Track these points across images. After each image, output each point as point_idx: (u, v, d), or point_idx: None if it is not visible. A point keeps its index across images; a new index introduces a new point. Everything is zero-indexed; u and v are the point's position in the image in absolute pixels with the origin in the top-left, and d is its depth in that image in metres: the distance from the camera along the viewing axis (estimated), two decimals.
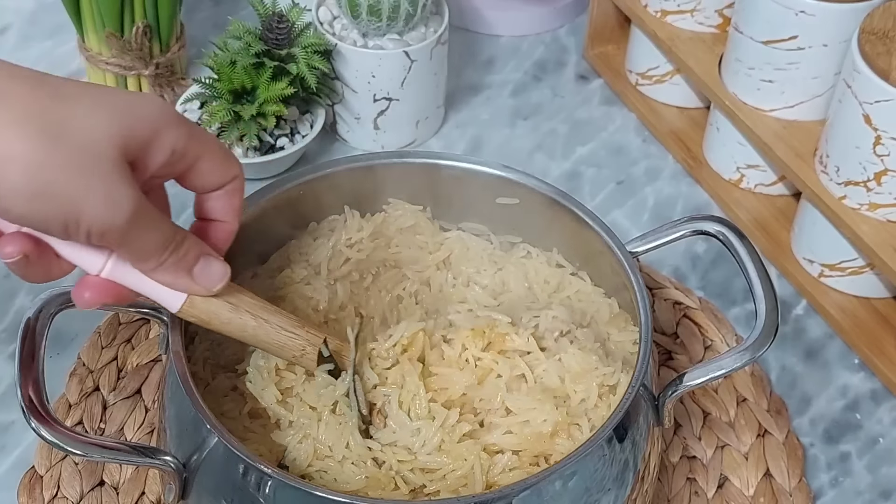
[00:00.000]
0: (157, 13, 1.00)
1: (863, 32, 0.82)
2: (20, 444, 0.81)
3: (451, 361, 0.71)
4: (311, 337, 0.68)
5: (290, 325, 0.68)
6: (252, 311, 0.66)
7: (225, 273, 0.64)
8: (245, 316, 0.66)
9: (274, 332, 0.67)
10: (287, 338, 0.67)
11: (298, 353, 0.68)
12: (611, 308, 0.76)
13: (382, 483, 0.66)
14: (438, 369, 0.71)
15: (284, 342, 0.67)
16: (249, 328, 0.66)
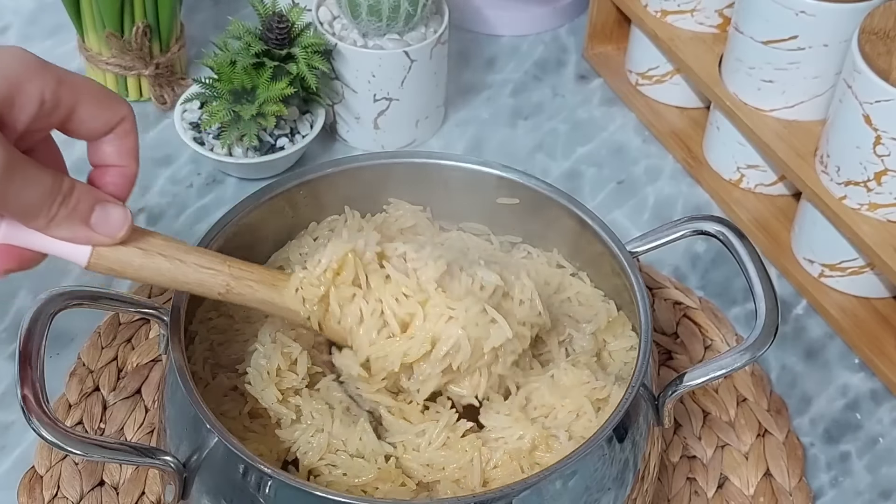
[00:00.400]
0: (157, 13, 1.00)
1: (863, 32, 0.82)
2: (20, 444, 0.81)
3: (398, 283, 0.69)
4: (235, 271, 0.67)
5: (210, 262, 0.66)
6: (165, 253, 0.64)
7: (125, 218, 0.61)
8: (157, 259, 0.63)
9: (192, 271, 0.65)
10: (208, 275, 0.65)
11: (223, 290, 0.66)
12: (609, 313, 0.76)
13: (392, 476, 0.67)
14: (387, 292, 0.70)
15: (205, 280, 0.65)
16: (165, 270, 0.64)
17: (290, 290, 0.68)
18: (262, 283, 0.67)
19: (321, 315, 0.69)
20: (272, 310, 0.69)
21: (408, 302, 0.68)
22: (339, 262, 0.68)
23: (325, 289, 0.68)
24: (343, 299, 0.68)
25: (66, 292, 0.65)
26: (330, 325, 0.69)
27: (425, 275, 0.68)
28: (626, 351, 0.75)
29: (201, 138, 0.98)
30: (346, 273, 0.68)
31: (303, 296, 0.68)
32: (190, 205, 0.98)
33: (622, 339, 0.75)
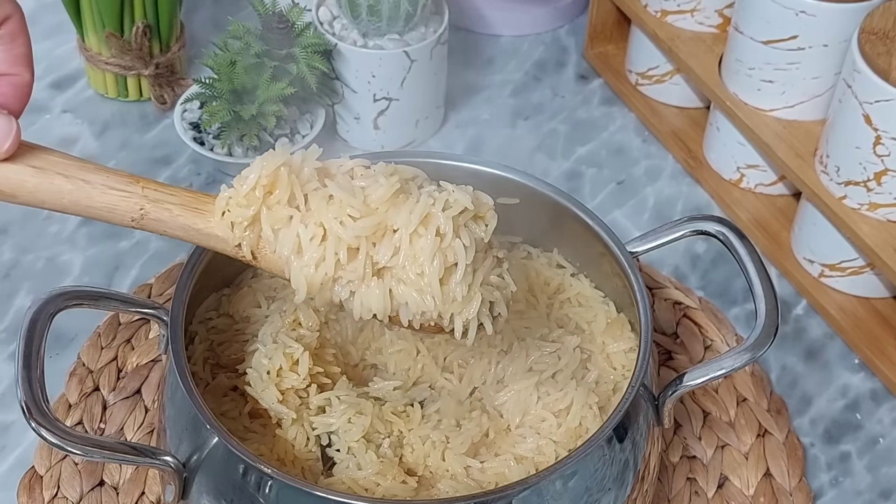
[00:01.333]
0: (157, 13, 1.00)
1: (863, 32, 0.82)
2: (20, 444, 0.81)
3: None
4: (151, 193, 0.59)
5: (120, 182, 0.58)
6: (65, 172, 0.57)
7: (9, 129, 0.55)
8: (56, 179, 0.56)
9: (98, 194, 0.58)
10: (118, 197, 0.58)
11: (137, 215, 0.59)
12: (608, 315, 0.76)
13: (393, 474, 0.67)
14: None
15: (115, 203, 0.58)
16: (66, 193, 0.57)
17: (216, 213, 0.61)
18: (184, 206, 0.60)
19: (254, 242, 0.62)
20: (197, 238, 0.62)
21: (355, 225, 0.60)
22: (271, 179, 0.61)
23: (256, 210, 0.61)
24: (277, 222, 0.61)
25: (66, 292, 0.65)
26: (264, 254, 0.62)
27: (376, 193, 0.61)
28: (626, 353, 0.75)
29: (201, 138, 0.98)
30: (280, 191, 0.61)
31: (231, 220, 0.61)
32: None
33: (621, 341, 0.75)
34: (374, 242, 0.61)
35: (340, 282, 0.61)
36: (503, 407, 0.72)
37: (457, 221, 0.61)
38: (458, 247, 0.61)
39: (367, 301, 0.61)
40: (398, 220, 0.60)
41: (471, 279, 0.62)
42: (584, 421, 0.70)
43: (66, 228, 0.95)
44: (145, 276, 0.92)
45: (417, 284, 0.61)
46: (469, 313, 0.62)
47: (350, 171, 0.63)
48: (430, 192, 0.62)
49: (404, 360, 0.76)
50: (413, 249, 0.61)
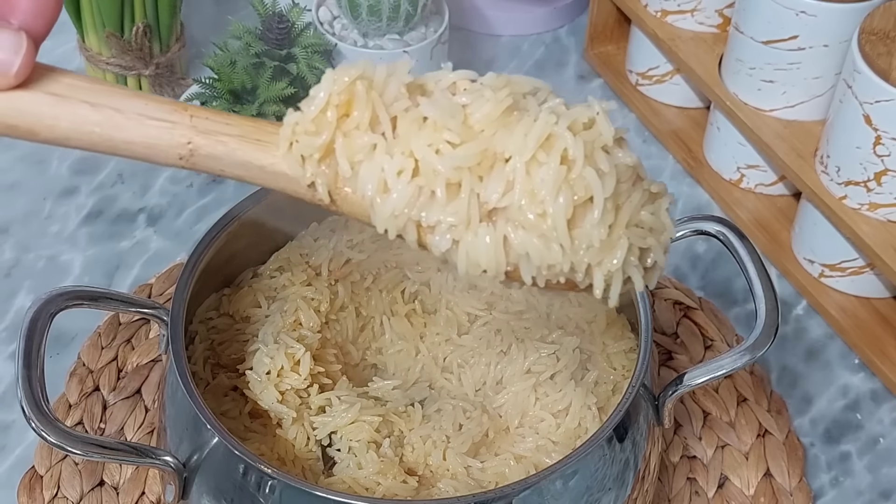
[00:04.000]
0: (157, 13, 1.00)
1: (863, 32, 0.82)
2: (20, 444, 0.81)
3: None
4: (201, 123, 0.49)
5: (162, 110, 0.48)
6: (92, 100, 0.47)
7: (19, 44, 0.45)
8: (81, 109, 0.47)
9: (135, 126, 0.48)
10: (160, 129, 0.48)
11: (186, 152, 0.49)
12: (608, 315, 0.76)
13: (393, 473, 0.67)
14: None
15: (156, 137, 0.48)
16: (94, 125, 0.47)
17: (281, 144, 0.50)
18: (243, 138, 0.50)
19: (331, 180, 0.50)
20: (261, 178, 0.51)
21: (454, 153, 0.48)
22: (345, 97, 0.49)
23: (329, 137, 0.49)
24: (356, 153, 0.49)
25: (67, 292, 0.65)
26: (344, 195, 0.50)
27: (480, 112, 0.49)
28: (626, 353, 0.74)
29: None
30: (359, 113, 0.49)
31: (300, 152, 0.50)
32: (190, 204, 0.98)
33: (621, 342, 0.75)
34: (480, 176, 0.48)
35: (440, 228, 0.49)
36: (502, 408, 0.72)
37: (590, 144, 0.49)
38: (591, 176, 0.48)
39: (474, 253, 0.49)
40: (510, 145, 0.48)
41: (612, 219, 0.49)
42: (583, 421, 0.70)
43: (67, 228, 0.95)
44: (145, 275, 0.92)
45: (539, 228, 0.48)
46: (611, 264, 0.49)
47: (452, 86, 0.50)
48: (552, 107, 0.49)
49: (404, 360, 0.77)
50: (531, 182, 0.48)
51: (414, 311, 0.78)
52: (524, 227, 0.48)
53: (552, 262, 0.48)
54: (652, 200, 0.50)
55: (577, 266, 0.49)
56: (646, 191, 0.50)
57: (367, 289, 0.78)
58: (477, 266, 0.49)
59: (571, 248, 0.48)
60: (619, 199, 0.49)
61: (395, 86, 0.49)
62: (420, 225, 0.49)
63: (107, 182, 0.99)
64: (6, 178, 0.99)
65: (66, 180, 0.99)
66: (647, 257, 0.50)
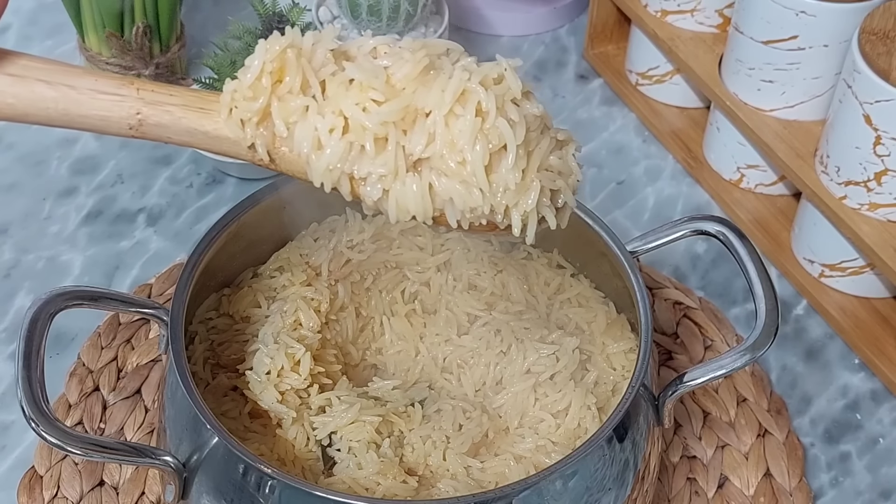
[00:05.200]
0: (157, 13, 1.00)
1: (863, 32, 0.82)
2: (20, 444, 0.81)
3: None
4: (148, 95, 0.53)
5: (110, 85, 0.52)
6: (46, 78, 0.51)
7: None
8: (37, 87, 0.50)
9: (87, 100, 0.51)
10: (110, 102, 0.52)
11: (134, 122, 0.52)
12: (608, 315, 0.76)
13: (393, 473, 0.67)
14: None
15: (107, 110, 0.52)
16: (51, 102, 0.51)
17: (222, 111, 0.54)
18: (187, 106, 0.54)
19: (269, 141, 0.55)
20: (205, 142, 0.55)
21: (380, 110, 0.53)
22: (277, 64, 0.53)
23: (265, 102, 0.53)
24: (291, 115, 0.54)
25: (66, 292, 0.65)
26: (282, 154, 0.55)
27: (401, 72, 0.53)
28: (626, 353, 0.74)
29: None
30: (290, 78, 0.53)
31: (240, 116, 0.54)
32: (190, 205, 0.98)
33: (621, 342, 0.75)
34: (404, 130, 0.53)
35: (370, 179, 0.54)
36: (502, 409, 0.72)
37: (501, 97, 0.53)
38: (503, 126, 0.53)
39: (403, 200, 0.54)
40: (429, 100, 0.53)
41: (524, 164, 0.54)
42: (582, 422, 0.70)
43: (67, 228, 0.95)
44: (145, 275, 0.92)
45: (460, 175, 0.53)
46: (527, 204, 0.54)
47: (373, 50, 0.54)
48: (465, 65, 0.54)
49: (404, 360, 0.77)
50: (450, 133, 0.53)
51: (414, 311, 0.78)
52: (447, 175, 0.53)
53: (474, 205, 0.53)
54: (559, 147, 0.56)
55: (496, 208, 0.54)
56: (553, 138, 0.55)
57: (367, 289, 0.78)
58: (406, 212, 0.54)
59: (490, 192, 0.53)
60: (529, 146, 0.54)
61: (321, 52, 0.54)
62: (353, 177, 0.54)
63: (106, 182, 0.99)
64: (5, 179, 0.99)
65: (66, 180, 0.99)
66: (557, 198, 0.56)
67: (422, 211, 0.54)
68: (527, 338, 0.74)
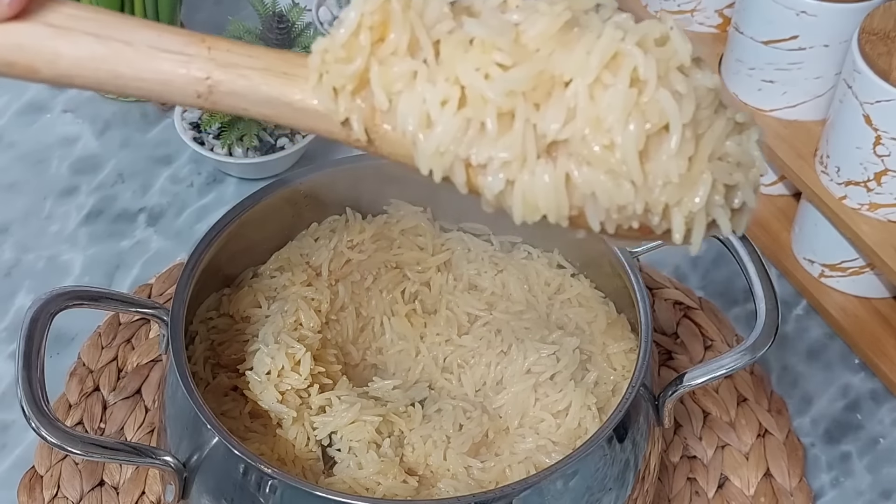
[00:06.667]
0: (158, 13, 1.00)
1: (863, 32, 0.82)
2: (20, 444, 0.81)
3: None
4: (221, 55, 0.43)
5: (176, 42, 0.43)
6: (97, 32, 0.42)
7: None
8: (84, 41, 0.42)
9: (145, 60, 0.42)
10: (174, 63, 0.43)
11: (203, 89, 0.43)
12: (608, 315, 0.76)
13: (394, 473, 0.67)
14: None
15: (170, 72, 0.43)
16: (100, 61, 0.42)
17: (311, 76, 0.44)
18: (268, 71, 0.44)
19: (368, 115, 0.44)
20: (289, 116, 0.45)
21: (506, 76, 0.41)
22: (379, 17, 0.42)
23: (363, 63, 0.42)
24: (394, 81, 0.43)
25: (67, 292, 0.65)
26: (383, 132, 0.44)
27: (534, 29, 0.42)
28: (626, 353, 0.74)
29: (201, 138, 0.98)
30: (396, 35, 0.42)
31: (332, 83, 0.43)
32: (190, 205, 0.98)
33: (622, 342, 0.75)
34: (536, 104, 0.42)
35: (492, 166, 0.42)
36: (502, 409, 0.72)
37: (664, 63, 0.41)
38: (666, 99, 0.41)
39: (532, 194, 0.42)
40: (570, 65, 0.41)
41: (692, 150, 0.42)
42: (582, 422, 0.70)
43: (67, 228, 0.95)
44: (146, 275, 0.92)
45: (607, 163, 0.41)
46: (693, 203, 0.42)
47: (502, 4, 0.43)
48: (619, 22, 0.42)
49: (404, 360, 0.77)
50: (596, 109, 0.41)
51: (414, 311, 0.78)
52: (589, 163, 0.41)
53: (623, 203, 0.42)
54: (738, 131, 0.44)
55: (652, 206, 0.42)
56: (730, 119, 0.43)
57: (367, 289, 0.78)
58: (535, 209, 0.42)
59: (645, 185, 0.41)
60: (699, 128, 0.42)
61: (437, 4, 0.43)
62: (469, 164, 0.43)
63: (107, 182, 0.99)
64: (6, 178, 0.99)
65: (66, 180, 0.99)
66: (733, 196, 0.44)
67: (555, 208, 0.42)
68: (527, 338, 0.74)
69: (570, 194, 0.42)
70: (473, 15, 0.43)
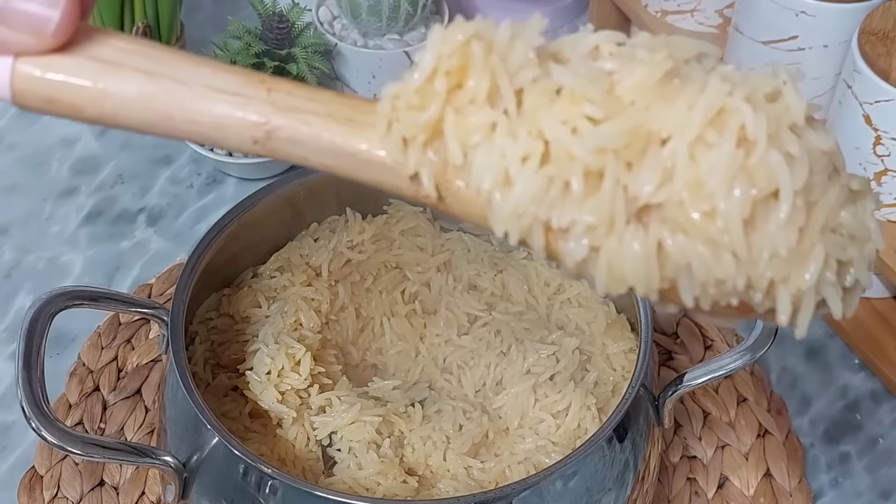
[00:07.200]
0: (158, 13, 1.00)
1: (863, 33, 0.82)
2: (21, 444, 0.81)
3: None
4: (281, 98, 0.40)
5: (233, 82, 0.40)
6: (148, 69, 0.39)
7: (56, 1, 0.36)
8: (133, 78, 0.38)
9: (198, 101, 0.39)
10: (230, 105, 0.40)
11: (261, 135, 0.40)
12: (608, 315, 0.76)
13: (394, 473, 0.67)
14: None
15: (226, 116, 0.39)
16: (150, 100, 0.39)
17: (379, 124, 0.40)
18: (332, 117, 0.40)
19: (439, 170, 0.40)
20: (353, 168, 0.42)
21: (596, 132, 0.38)
22: (458, 61, 0.39)
23: (437, 111, 0.39)
24: (470, 133, 0.39)
25: (67, 292, 0.65)
26: (455, 189, 0.40)
27: (630, 79, 0.38)
28: (626, 353, 0.74)
29: None
30: (475, 82, 0.38)
31: (401, 133, 0.40)
32: (190, 205, 0.98)
33: (621, 342, 0.75)
34: (628, 162, 0.38)
35: (575, 231, 0.38)
36: (502, 409, 0.72)
37: (775, 121, 0.37)
38: (776, 162, 0.37)
39: (618, 263, 0.38)
40: (669, 120, 0.37)
41: (803, 221, 0.38)
42: (582, 422, 0.70)
43: (67, 229, 0.95)
44: (146, 276, 0.92)
45: (706, 232, 0.37)
46: (802, 280, 0.39)
47: (594, 50, 0.39)
48: (725, 74, 0.38)
49: (404, 360, 0.77)
50: (697, 170, 0.37)
51: (414, 311, 0.78)
52: (685, 231, 0.38)
53: (722, 277, 0.38)
54: (853, 200, 0.40)
55: (755, 282, 0.38)
56: (845, 186, 0.39)
57: (367, 289, 0.78)
58: (622, 281, 0.39)
59: (749, 258, 0.38)
60: (811, 195, 0.38)
61: (521, 50, 0.39)
62: (549, 227, 0.39)
63: (107, 182, 0.99)
64: (6, 180, 0.99)
65: (66, 181, 0.99)
66: (845, 273, 0.40)
67: (644, 280, 0.38)
68: (527, 338, 0.74)
69: (662, 265, 0.38)
70: (561, 62, 0.39)
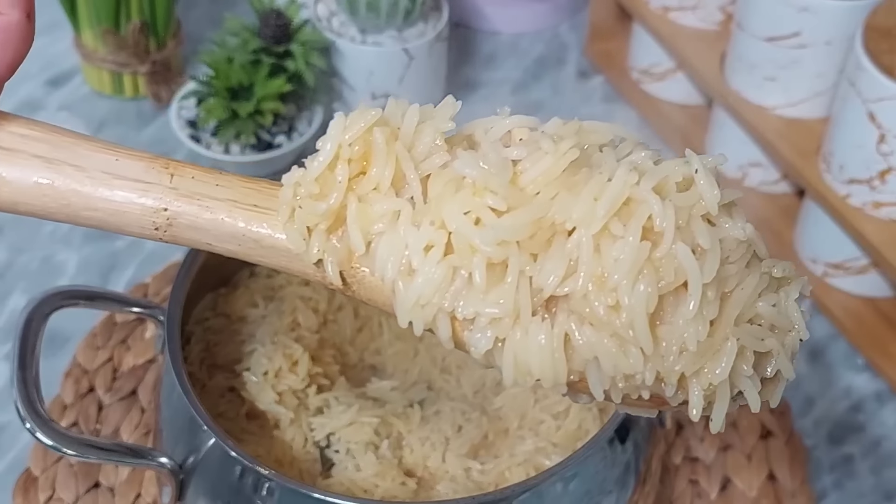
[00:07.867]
0: (154, 10, 1.00)
1: (867, 29, 0.82)
2: (15, 446, 0.81)
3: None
4: (185, 184, 0.39)
5: (132, 167, 0.39)
6: (46, 155, 0.38)
7: None
8: (32, 165, 0.38)
9: (98, 189, 0.39)
10: (127, 192, 0.39)
11: (162, 221, 0.39)
12: None
13: (392, 475, 0.67)
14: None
15: (123, 203, 0.39)
16: (47, 188, 0.38)
17: (282, 211, 0.40)
18: (236, 203, 0.40)
19: (344, 257, 0.40)
20: (256, 253, 0.41)
21: (498, 223, 0.37)
22: (361, 148, 0.39)
23: (338, 199, 0.39)
24: (373, 222, 0.39)
25: (62, 292, 0.65)
26: (361, 277, 0.40)
27: (536, 168, 0.38)
28: None
29: (198, 136, 0.97)
30: (377, 170, 0.38)
31: (304, 221, 0.39)
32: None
33: None
34: (533, 254, 0.38)
35: (479, 322, 0.38)
36: (501, 410, 0.72)
37: (686, 211, 0.37)
38: (684, 255, 0.37)
39: (524, 356, 0.38)
40: (574, 212, 0.37)
41: (715, 312, 0.37)
42: (583, 423, 0.70)
43: (61, 228, 0.94)
44: (141, 275, 0.92)
45: (611, 325, 0.37)
46: (714, 374, 0.38)
47: (506, 136, 0.40)
48: (634, 162, 0.38)
49: (403, 360, 0.76)
50: (601, 263, 0.37)
51: None
52: (591, 323, 0.37)
53: (629, 371, 0.37)
54: (775, 288, 0.39)
55: (665, 377, 0.38)
56: (765, 274, 0.39)
57: None
58: (528, 373, 0.38)
59: (657, 353, 0.37)
60: (725, 286, 0.38)
61: (429, 135, 0.39)
62: (455, 317, 0.39)
63: None
64: None
65: None
66: (765, 365, 0.40)
67: (551, 373, 0.38)
68: None
69: (570, 357, 0.38)
70: (473, 146, 0.39)
